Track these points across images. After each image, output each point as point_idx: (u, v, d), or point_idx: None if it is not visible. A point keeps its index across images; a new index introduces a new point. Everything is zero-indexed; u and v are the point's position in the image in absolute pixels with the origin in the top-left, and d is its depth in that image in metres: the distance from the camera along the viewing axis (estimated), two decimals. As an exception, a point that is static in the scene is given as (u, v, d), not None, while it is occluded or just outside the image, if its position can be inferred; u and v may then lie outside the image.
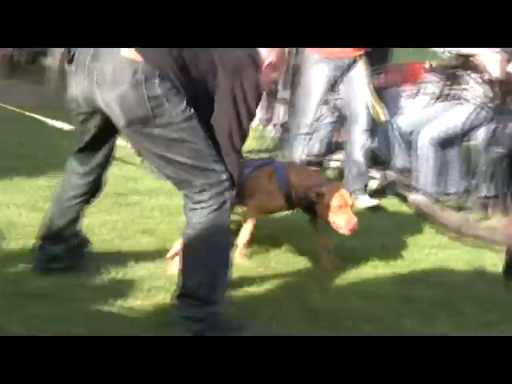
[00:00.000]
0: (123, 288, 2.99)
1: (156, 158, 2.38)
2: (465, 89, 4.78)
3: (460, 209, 4.58)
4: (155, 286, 3.02)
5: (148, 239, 3.67)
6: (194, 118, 2.30)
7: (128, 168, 5.38)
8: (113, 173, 3.31)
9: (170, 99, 2.22)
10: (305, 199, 3.20)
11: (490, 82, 4.63)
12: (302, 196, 3.22)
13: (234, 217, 3.15)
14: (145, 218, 4.03)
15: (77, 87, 2.38)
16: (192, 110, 2.29)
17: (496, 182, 4.57)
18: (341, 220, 3.11)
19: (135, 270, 3.19)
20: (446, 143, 4.67)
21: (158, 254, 3.40)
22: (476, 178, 4.61)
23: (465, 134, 4.75)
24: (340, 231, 3.19)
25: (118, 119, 2.28)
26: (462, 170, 4.85)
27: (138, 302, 2.86)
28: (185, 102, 2.28)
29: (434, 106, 4.89)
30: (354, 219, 3.13)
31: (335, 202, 3.11)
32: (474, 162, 4.89)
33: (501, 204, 4.54)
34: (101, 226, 3.69)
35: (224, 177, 2.39)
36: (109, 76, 2.23)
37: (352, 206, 3.21)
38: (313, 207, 3.21)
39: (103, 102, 2.26)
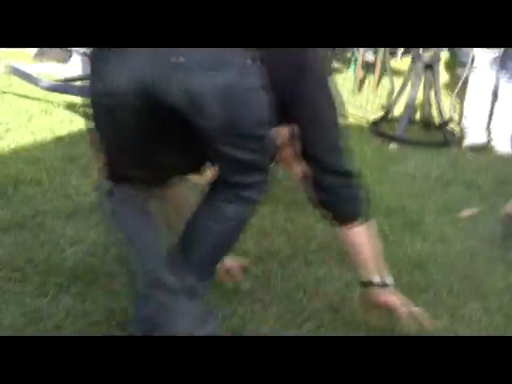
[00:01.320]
0: None
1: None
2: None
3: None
4: None
5: None
6: None
7: None
8: None
9: (266, 90, 1.69)
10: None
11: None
12: None
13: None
14: None
15: (123, 73, 1.64)
16: None
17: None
18: None
19: None
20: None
21: None
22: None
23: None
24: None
25: (210, 118, 1.64)
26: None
27: None
28: None
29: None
30: None
31: None
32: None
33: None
34: None
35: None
36: (205, 58, 1.61)
37: None
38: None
39: (185, 93, 1.61)
